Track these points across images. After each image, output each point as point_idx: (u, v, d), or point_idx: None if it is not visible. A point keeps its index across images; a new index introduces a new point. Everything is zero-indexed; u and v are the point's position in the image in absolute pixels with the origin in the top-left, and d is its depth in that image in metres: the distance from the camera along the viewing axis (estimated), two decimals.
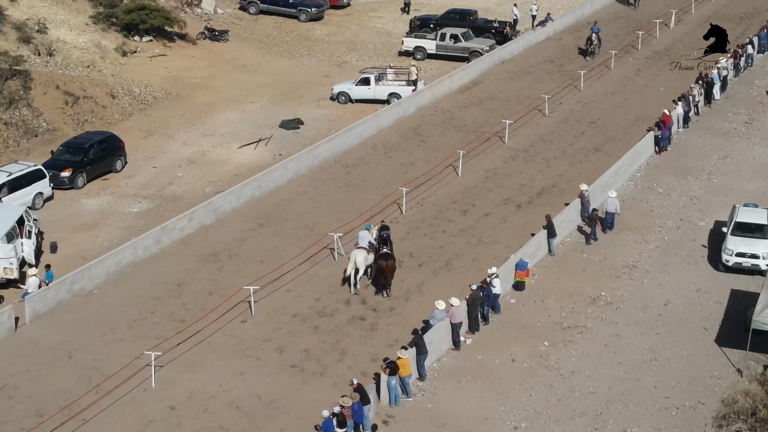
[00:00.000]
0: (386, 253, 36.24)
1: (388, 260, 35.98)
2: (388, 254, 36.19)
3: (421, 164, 48.08)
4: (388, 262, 35.93)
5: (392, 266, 36.01)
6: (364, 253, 36.48)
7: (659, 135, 49.60)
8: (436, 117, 54.31)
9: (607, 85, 59.03)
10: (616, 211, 42.30)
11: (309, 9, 70.75)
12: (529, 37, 66.77)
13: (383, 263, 35.95)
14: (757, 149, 50.48)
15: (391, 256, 36.22)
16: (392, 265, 36.00)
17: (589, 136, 51.80)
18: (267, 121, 54.32)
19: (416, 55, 64.57)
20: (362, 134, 50.64)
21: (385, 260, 35.98)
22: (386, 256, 36.09)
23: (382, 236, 37.26)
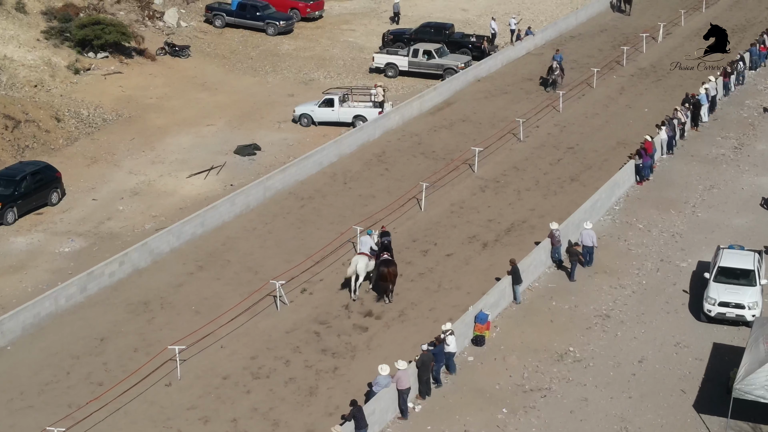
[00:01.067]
0: (387, 259, 35.48)
1: (390, 266, 35.27)
2: (389, 260, 35.46)
3: (383, 196, 44.48)
4: (390, 269, 35.25)
5: (394, 272, 35.36)
6: (365, 260, 35.87)
7: (640, 164, 45.98)
8: (402, 142, 50.68)
9: (588, 106, 55.41)
10: (594, 244, 38.86)
11: (277, 22, 67.12)
12: (507, 53, 63.15)
13: (384, 270, 35.23)
14: (746, 178, 46.85)
15: (393, 262, 35.53)
16: (394, 271, 35.36)
17: (565, 163, 48.17)
18: (222, 146, 50.69)
19: (388, 72, 60.97)
20: (321, 162, 47.02)
21: (386, 267, 35.24)
22: (387, 263, 35.36)
23: (383, 242, 36.61)
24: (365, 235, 37.45)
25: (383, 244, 36.60)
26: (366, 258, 36.03)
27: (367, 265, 35.93)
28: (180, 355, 31.99)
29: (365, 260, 35.93)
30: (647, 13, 74.50)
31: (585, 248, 38.83)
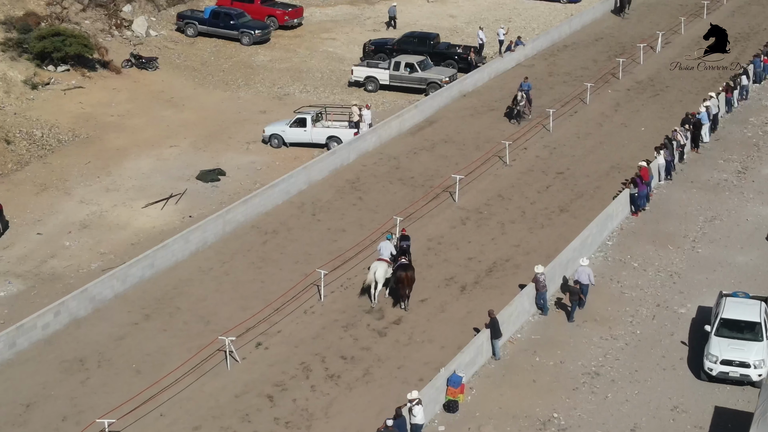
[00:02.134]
0: (404, 263, 34.58)
1: (407, 271, 34.37)
2: (406, 265, 34.54)
3: (354, 230, 40.69)
4: (407, 273, 34.33)
5: (411, 277, 34.44)
6: (384, 266, 34.92)
7: (636, 193, 42.15)
8: (379, 166, 46.86)
9: (581, 125, 51.56)
10: (590, 281, 35.39)
11: (252, 31, 63.24)
12: (495, 65, 59.29)
13: (402, 274, 34.27)
14: (750, 208, 43.04)
15: (410, 266, 34.59)
16: (411, 276, 34.43)
17: (554, 191, 44.35)
18: (184, 170, 46.89)
19: (368, 86, 57.15)
20: (288, 191, 43.22)
21: (403, 271, 34.28)
22: (405, 267, 34.43)
23: (402, 247, 35.91)
24: (385, 240, 36.33)
25: (401, 248, 35.80)
26: (385, 264, 34.96)
27: (386, 271, 34.83)
28: (111, 426, 28.17)
29: (384, 267, 34.84)
30: (645, 20, 70.67)
31: (581, 286, 35.16)
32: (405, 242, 36.32)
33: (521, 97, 50.53)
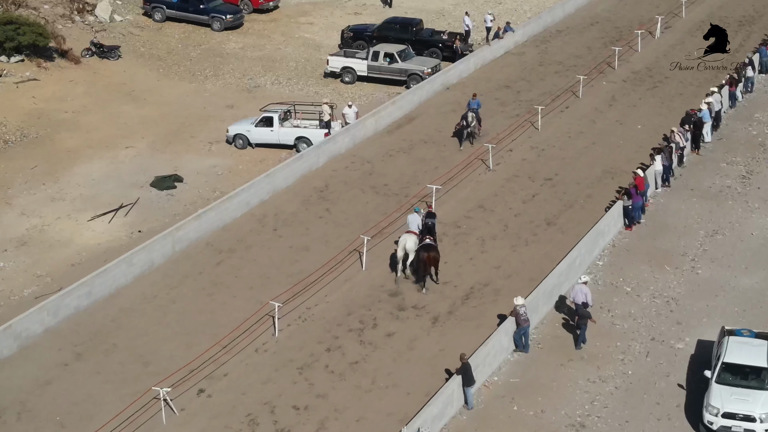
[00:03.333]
0: (428, 244, 33.67)
1: (430, 251, 33.51)
2: (429, 245, 33.63)
3: (318, 248, 36.84)
4: (430, 254, 33.48)
5: (434, 258, 33.59)
6: (414, 238, 34.21)
7: (630, 206, 38.22)
8: (351, 172, 42.94)
9: (572, 122, 47.55)
10: (588, 302, 31.81)
11: (223, 16, 59.13)
12: (482, 54, 55.17)
13: (424, 255, 33.45)
14: (756, 219, 39.17)
15: (434, 247, 33.68)
16: (434, 257, 33.58)
17: (541, 200, 40.45)
18: (138, 176, 43.04)
19: (344, 78, 53.12)
20: (248, 202, 39.35)
21: (426, 252, 33.45)
22: (428, 248, 33.56)
23: (427, 224, 34.77)
24: (412, 213, 35.53)
25: (426, 225, 34.74)
26: (414, 236, 34.28)
27: (416, 243, 34.05)
28: None
29: (414, 239, 34.16)
30: (645, 1, 66.40)
31: (576, 308, 31.78)
32: (430, 220, 35.00)
33: (471, 118, 44.33)
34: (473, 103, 45.58)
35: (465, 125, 44.24)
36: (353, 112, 45.21)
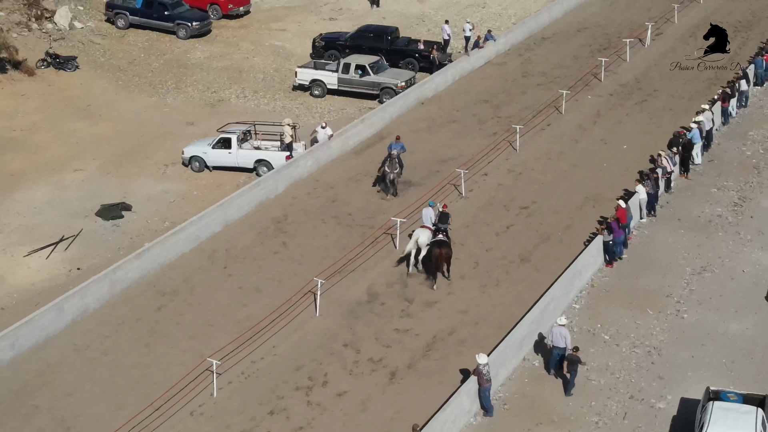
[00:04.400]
0: (440, 240, 33.35)
1: (443, 248, 33.15)
2: (443, 241, 33.33)
3: (270, 290, 33.85)
4: (443, 250, 33.13)
5: (447, 255, 33.27)
6: (427, 233, 33.91)
7: (610, 241, 35.13)
8: (313, 199, 39.87)
9: (553, 141, 44.47)
10: (567, 345, 29.24)
11: (189, 23, 55.95)
12: (461, 65, 51.99)
13: (437, 251, 33.14)
14: (748, 254, 36.14)
15: (447, 243, 33.35)
16: (446, 253, 33.24)
17: (516, 233, 37.40)
18: (84, 203, 40.03)
19: (314, 91, 49.98)
20: (197, 236, 36.31)
21: (439, 248, 33.12)
22: (440, 244, 33.26)
23: (439, 227, 34.11)
24: (427, 207, 35.14)
25: (438, 227, 34.15)
26: (428, 231, 33.94)
27: (429, 238, 33.72)
28: None
29: (427, 234, 33.84)
30: (636, 5, 63.33)
31: (555, 350, 29.37)
32: (443, 225, 34.21)
33: (395, 162, 39.10)
34: (395, 146, 39.65)
35: (387, 169, 38.96)
36: (326, 134, 42.04)
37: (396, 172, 38.87)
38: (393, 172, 38.87)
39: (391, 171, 38.86)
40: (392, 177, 39.05)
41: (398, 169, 38.89)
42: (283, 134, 41.95)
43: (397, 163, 38.86)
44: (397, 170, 38.87)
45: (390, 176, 38.99)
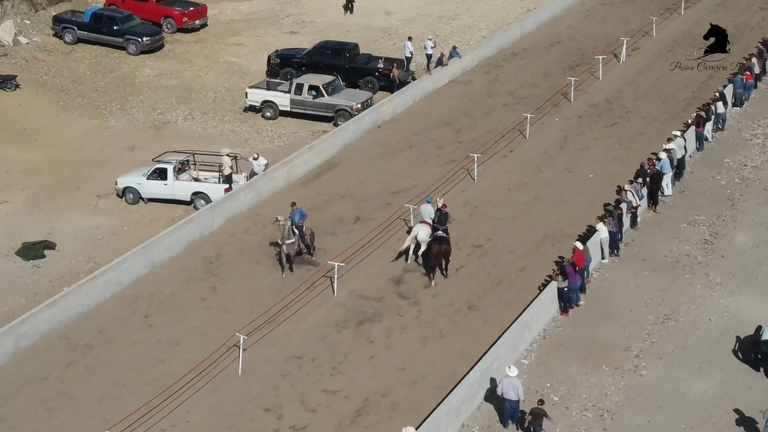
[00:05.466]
0: (441, 236, 33.16)
1: (442, 244, 33.06)
2: (442, 237, 33.15)
3: (192, 343, 31.10)
4: (442, 246, 33.05)
5: (446, 251, 33.17)
6: (427, 229, 33.72)
7: (565, 287, 32.30)
8: (251, 236, 37.07)
9: (515, 170, 41.65)
10: (519, 396, 27.01)
11: (139, 38, 53.04)
12: (422, 84, 49.09)
13: (437, 247, 33.08)
14: (716, 299, 33.36)
15: (446, 239, 33.20)
16: (446, 249, 33.14)
17: (465, 276, 34.61)
18: (5, 240, 37.41)
19: (265, 113, 47.10)
20: (120, 281, 33.47)
21: (439, 244, 33.04)
22: (440, 240, 33.12)
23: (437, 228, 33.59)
24: (425, 204, 34.81)
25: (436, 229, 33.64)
26: (428, 227, 33.70)
27: (428, 234, 33.55)
28: None
29: (427, 229, 33.66)
30: (614, 17, 60.59)
31: (508, 403, 27.06)
32: (442, 225, 33.64)
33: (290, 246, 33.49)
34: (296, 216, 34.11)
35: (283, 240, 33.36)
36: (260, 165, 39.24)
37: (290, 243, 33.38)
38: (286, 244, 33.32)
39: (283, 243, 33.32)
40: (287, 250, 33.33)
41: (293, 239, 33.38)
42: (222, 165, 39.03)
43: (294, 234, 33.49)
44: (292, 241, 33.37)
45: (284, 249, 33.32)
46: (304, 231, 34.15)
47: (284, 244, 33.36)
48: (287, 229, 33.22)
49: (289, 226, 33.26)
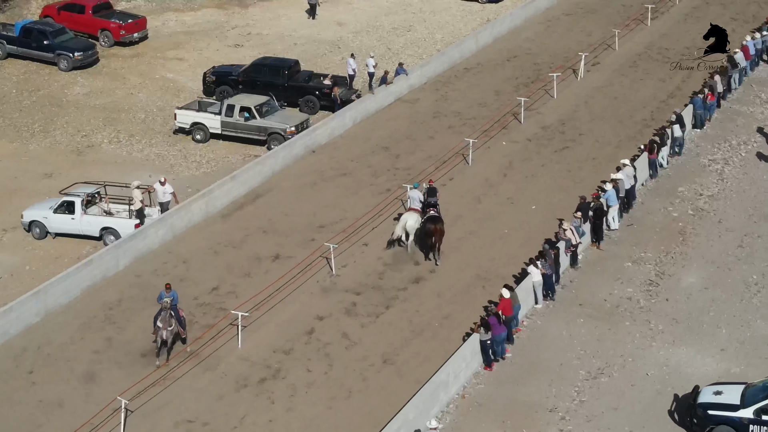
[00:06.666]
0: (433, 215, 33.43)
1: (436, 224, 33.26)
2: (435, 217, 33.38)
3: (74, 403, 28.62)
4: (436, 226, 33.24)
5: (440, 230, 33.30)
6: (415, 217, 33.83)
7: (488, 340, 29.56)
8: (159, 278, 34.31)
9: (451, 201, 38.89)
10: None
11: (71, 54, 50.22)
12: (365, 104, 46.29)
13: (431, 226, 33.25)
14: (656, 350, 30.81)
15: (439, 219, 33.39)
16: (440, 228, 33.27)
17: (385, 324, 31.98)
18: None
19: (195, 135, 44.29)
20: (7, 331, 31.04)
21: (432, 224, 33.27)
22: (434, 219, 33.36)
23: (429, 202, 34.26)
24: (413, 190, 35.09)
25: (428, 203, 34.24)
26: (416, 215, 33.85)
27: (417, 221, 33.72)
28: None
29: (415, 217, 33.78)
30: (576, 29, 57.84)
31: None
32: (432, 198, 34.45)
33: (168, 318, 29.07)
34: (165, 295, 29.79)
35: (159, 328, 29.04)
36: (165, 192, 36.43)
37: (170, 329, 28.94)
38: (167, 329, 28.92)
39: (164, 328, 28.91)
40: (165, 336, 29.00)
41: (173, 326, 29.01)
42: (132, 199, 36.24)
43: (172, 317, 29.06)
44: (172, 327, 28.98)
45: (163, 334, 28.98)
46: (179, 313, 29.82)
47: (165, 330, 28.83)
48: (168, 311, 28.85)
49: (168, 309, 28.83)
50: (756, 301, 33.07)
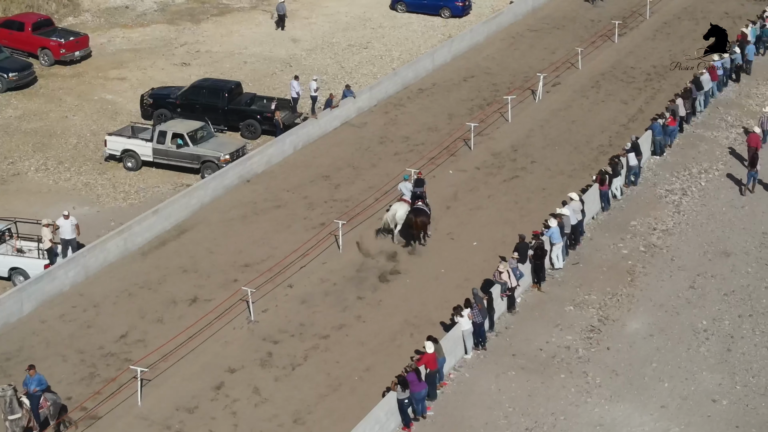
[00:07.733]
0: (418, 208, 34.17)
1: (420, 216, 34.12)
2: (420, 209, 34.14)
3: None
4: (419, 218, 34.14)
5: (423, 222, 34.21)
6: (405, 207, 34.48)
7: (405, 399, 27.28)
8: (64, 324, 32.08)
9: (387, 238, 36.38)
10: None
11: (5, 75, 47.94)
12: (307, 129, 43.99)
13: (413, 219, 34.18)
14: (591, 407, 28.62)
15: (424, 212, 34.23)
16: (423, 221, 34.18)
17: (301, 376, 29.69)
18: None
19: (127, 163, 41.97)
20: None
21: (416, 216, 34.11)
22: (418, 212, 34.16)
23: (416, 193, 34.79)
24: (403, 181, 35.83)
25: (415, 194, 34.82)
26: (406, 205, 34.46)
27: (406, 212, 34.39)
28: None
29: (405, 208, 34.40)
30: (539, 45, 55.55)
31: None
32: (418, 189, 34.97)
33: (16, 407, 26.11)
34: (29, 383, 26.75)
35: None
36: (69, 225, 34.13)
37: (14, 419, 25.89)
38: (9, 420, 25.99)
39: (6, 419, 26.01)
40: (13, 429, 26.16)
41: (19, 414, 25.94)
42: (41, 238, 33.92)
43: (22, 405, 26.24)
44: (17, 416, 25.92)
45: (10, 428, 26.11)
46: (41, 403, 26.57)
47: (8, 421, 25.81)
48: (8, 402, 25.75)
49: (10, 396, 25.92)
50: (704, 350, 30.81)
